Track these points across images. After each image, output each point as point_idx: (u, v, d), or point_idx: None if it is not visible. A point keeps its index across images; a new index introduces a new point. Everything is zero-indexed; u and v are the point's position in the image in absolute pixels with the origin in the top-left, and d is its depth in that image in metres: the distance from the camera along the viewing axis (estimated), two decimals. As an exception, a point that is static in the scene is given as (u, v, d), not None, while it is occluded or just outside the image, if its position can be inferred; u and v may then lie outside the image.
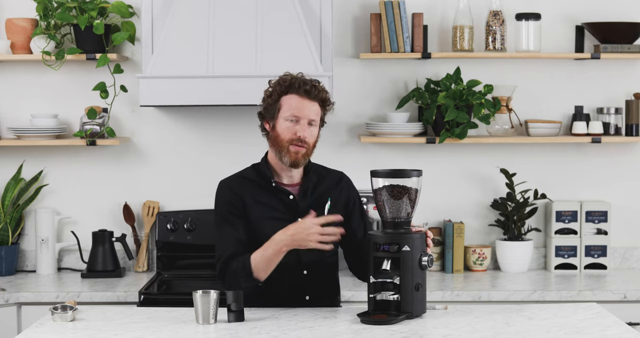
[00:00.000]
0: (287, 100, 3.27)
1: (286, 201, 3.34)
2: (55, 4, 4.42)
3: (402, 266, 3.11)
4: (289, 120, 3.26)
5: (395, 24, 4.47)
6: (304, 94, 3.25)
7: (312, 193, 3.37)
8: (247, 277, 3.23)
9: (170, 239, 4.57)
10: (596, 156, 4.72)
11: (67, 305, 3.20)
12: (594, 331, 3.00)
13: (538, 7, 4.62)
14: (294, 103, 3.26)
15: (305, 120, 3.26)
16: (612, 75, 4.69)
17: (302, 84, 3.26)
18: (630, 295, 4.17)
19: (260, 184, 3.36)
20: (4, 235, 4.52)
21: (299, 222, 3.18)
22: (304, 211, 3.31)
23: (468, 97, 4.44)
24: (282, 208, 3.34)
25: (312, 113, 3.27)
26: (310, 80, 3.29)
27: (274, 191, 3.35)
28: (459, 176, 4.70)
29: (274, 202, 3.34)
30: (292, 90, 3.26)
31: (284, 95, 3.28)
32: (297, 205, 3.34)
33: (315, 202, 3.35)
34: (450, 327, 3.05)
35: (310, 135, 3.27)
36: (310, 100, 3.26)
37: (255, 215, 3.32)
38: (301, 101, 3.26)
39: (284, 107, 3.27)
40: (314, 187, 3.38)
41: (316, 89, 3.27)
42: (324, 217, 3.20)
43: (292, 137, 3.26)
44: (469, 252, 4.59)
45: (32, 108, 4.63)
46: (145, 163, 4.68)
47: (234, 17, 4.27)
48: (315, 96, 3.27)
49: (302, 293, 3.35)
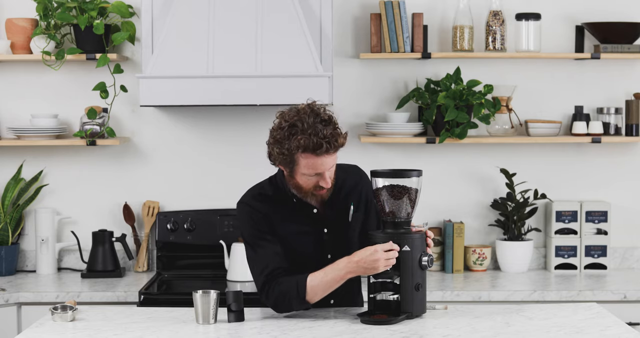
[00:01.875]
0: (304, 159, 3.08)
1: (311, 215, 3.26)
2: (55, 4, 4.42)
3: (402, 266, 3.11)
4: (308, 175, 3.13)
5: (395, 24, 4.47)
6: (321, 154, 3.07)
7: (336, 200, 3.28)
8: (300, 300, 3.11)
9: (170, 239, 4.57)
10: (596, 156, 4.72)
11: (67, 305, 3.20)
12: (594, 331, 3.00)
13: (538, 7, 4.62)
14: (311, 163, 3.08)
15: (327, 172, 3.13)
16: (612, 75, 4.69)
17: (317, 146, 3.04)
18: (630, 295, 4.17)
19: (281, 200, 3.25)
20: (4, 235, 4.52)
21: (364, 250, 3.09)
22: (331, 222, 3.27)
23: (468, 97, 4.44)
24: (307, 222, 3.26)
25: (332, 163, 3.13)
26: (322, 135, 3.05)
27: (297, 206, 3.25)
28: (459, 176, 4.70)
29: (298, 217, 3.25)
30: (308, 151, 3.06)
31: (297, 152, 3.07)
32: (323, 217, 3.27)
33: (341, 210, 3.29)
34: (450, 327, 3.05)
35: (331, 177, 3.17)
36: (328, 156, 3.08)
37: (280, 231, 3.23)
38: (319, 159, 3.08)
39: (301, 165, 3.10)
40: (337, 195, 3.29)
41: (331, 145, 3.06)
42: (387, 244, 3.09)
43: (316, 186, 3.16)
44: (469, 252, 4.59)
45: (32, 108, 4.63)
46: (145, 163, 4.68)
47: (234, 17, 4.27)
48: (334, 150, 3.09)
49: (327, 297, 3.22)
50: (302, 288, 3.10)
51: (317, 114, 3.09)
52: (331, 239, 3.28)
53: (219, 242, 4.49)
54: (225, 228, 4.55)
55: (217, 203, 4.63)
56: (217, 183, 4.66)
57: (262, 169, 3.50)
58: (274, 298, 3.13)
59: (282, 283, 3.12)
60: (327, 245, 3.27)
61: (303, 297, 3.11)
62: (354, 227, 3.31)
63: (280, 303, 3.13)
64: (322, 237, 3.27)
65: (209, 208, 4.63)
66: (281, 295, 3.12)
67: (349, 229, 3.30)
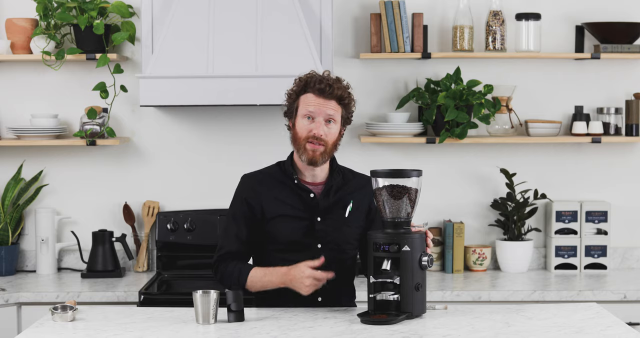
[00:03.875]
0: (304, 98, 3.28)
1: (307, 200, 3.33)
2: (55, 4, 4.42)
3: (402, 266, 3.11)
4: (305, 118, 3.27)
5: (395, 24, 4.47)
6: (319, 92, 3.25)
7: (335, 193, 3.36)
8: (240, 287, 3.32)
9: (170, 239, 4.57)
10: (596, 156, 4.72)
11: (67, 305, 3.20)
12: (594, 331, 3.00)
13: (538, 7, 4.63)
14: (309, 101, 3.26)
15: (321, 117, 3.26)
16: (612, 75, 4.69)
17: (317, 83, 3.27)
18: (630, 295, 4.17)
19: (281, 181, 3.36)
20: (4, 235, 4.52)
21: (297, 266, 3.21)
22: (324, 211, 3.32)
23: (468, 97, 4.44)
24: (301, 206, 3.33)
25: (329, 110, 3.26)
26: (327, 79, 3.28)
27: (295, 189, 3.34)
28: (459, 176, 4.70)
29: (293, 199, 3.33)
30: (308, 89, 3.28)
31: (301, 94, 3.29)
32: (317, 204, 3.33)
33: (337, 203, 3.35)
34: (450, 327, 3.05)
35: (327, 133, 3.27)
36: (325, 99, 3.26)
37: (272, 211, 3.32)
38: (316, 99, 3.26)
39: (300, 106, 3.29)
40: (337, 187, 3.37)
41: (331, 88, 3.25)
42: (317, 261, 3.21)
43: (308, 135, 3.25)
44: (469, 252, 4.59)
45: (32, 108, 4.63)
46: (145, 163, 4.68)
47: (234, 17, 4.27)
48: (330, 94, 3.26)
49: (315, 294, 3.29)
50: (244, 278, 3.32)
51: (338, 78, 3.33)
52: (323, 229, 3.32)
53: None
54: (225, 228, 4.55)
55: (217, 203, 4.63)
56: (217, 184, 4.66)
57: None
58: (219, 276, 3.37)
59: (229, 265, 3.35)
60: (319, 234, 3.32)
61: (243, 285, 3.32)
62: (349, 224, 3.34)
63: (225, 282, 3.36)
64: (314, 225, 3.32)
65: (209, 208, 4.62)
66: (226, 276, 3.35)
67: (344, 225, 3.33)
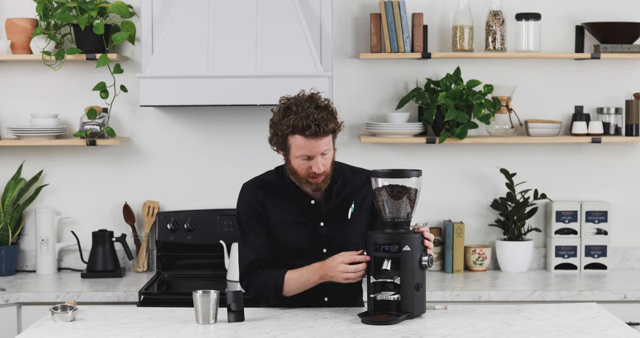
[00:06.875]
0: (294, 140, 3.17)
1: (307, 206, 3.31)
2: (55, 4, 4.42)
3: (402, 266, 3.11)
4: (300, 158, 3.19)
5: (395, 24, 4.47)
6: (309, 136, 3.15)
7: (337, 195, 3.33)
8: (276, 295, 3.25)
9: (170, 239, 4.57)
10: (596, 156, 4.72)
11: (67, 305, 3.20)
12: (594, 331, 3.00)
13: (538, 7, 4.63)
14: (301, 144, 3.16)
15: (317, 155, 3.19)
16: (612, 75, 4.69)
17: (305, 127, 3.13)
18: (630, 295, 4.17)
19: (281, 188, 3.32)
20: (4, 235, 4.52)
21: (331, 258, 3.17)
22: (326, 216, 3.30)
23: (468, 97, 4.44)
24: (303, 213, 3.30)
25: (323, 147, 3.18)
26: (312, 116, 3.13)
27: (295, 195, 3.31)
28: (458, 176, 4.70)
29: (294, 206, 3.30)
30: (297, 132, 3.15)
31: (289, 135, 3.17)
32: (318, 210, 3.31)
33: (339, 206, 3.33)
34: (450, 327, 3.05)
35: (325, 164, 3.21)
36: (317, 139, 3.16)
37: (274, 219, 3.29)
38: (308, 142, 3.16)
39: (292, 147, 3.19)
40: (338, 189, 3.34)
41: (320, 128, 3.13)
42: (351, 254, 3.15)
43: (308, 172, 3.21)
44: (469, 252, 4.59)
45: (32, 108, 4.63)
46: (145, 163, 4.68)
47: (234, 17, 4.27)
48: (323, 133, 3.16)
49: (321, 294, 3.31)
50: (280, 284, 3.23)
51: (314, 101, 3.19)
52: (327, 234, 3.30)
53: (219, 242, 4.49)
54: (225, 228, 4.55)
55: (217, 203, 4.64)
56: (217, 184, 4.66)
57: (262, 169, 3.49)
58: (253, 289, 3.28)
59: (260, 276, 3.26)
60: (323, 239, 3.30)
61: (280, 291, 3.24)
62: (353, 225, 3.33)
63: (259, 295, 3.29)
64: (317, 231, 3.30)
65: (209, 208, 4.63)
66: (259, 286, 3.26)
67: (347, 227, 3.32)
